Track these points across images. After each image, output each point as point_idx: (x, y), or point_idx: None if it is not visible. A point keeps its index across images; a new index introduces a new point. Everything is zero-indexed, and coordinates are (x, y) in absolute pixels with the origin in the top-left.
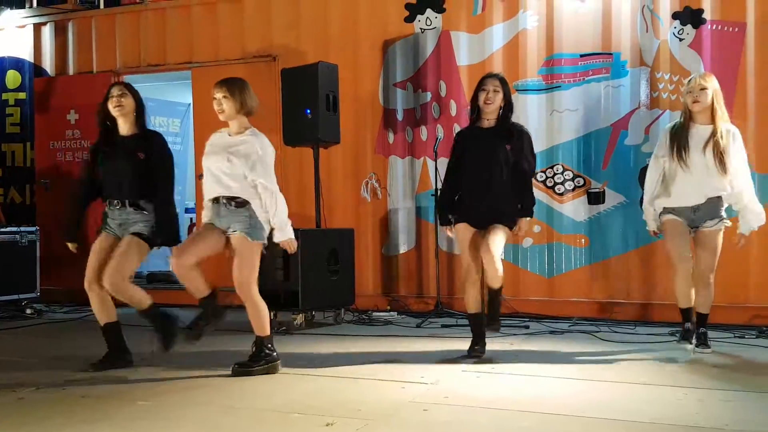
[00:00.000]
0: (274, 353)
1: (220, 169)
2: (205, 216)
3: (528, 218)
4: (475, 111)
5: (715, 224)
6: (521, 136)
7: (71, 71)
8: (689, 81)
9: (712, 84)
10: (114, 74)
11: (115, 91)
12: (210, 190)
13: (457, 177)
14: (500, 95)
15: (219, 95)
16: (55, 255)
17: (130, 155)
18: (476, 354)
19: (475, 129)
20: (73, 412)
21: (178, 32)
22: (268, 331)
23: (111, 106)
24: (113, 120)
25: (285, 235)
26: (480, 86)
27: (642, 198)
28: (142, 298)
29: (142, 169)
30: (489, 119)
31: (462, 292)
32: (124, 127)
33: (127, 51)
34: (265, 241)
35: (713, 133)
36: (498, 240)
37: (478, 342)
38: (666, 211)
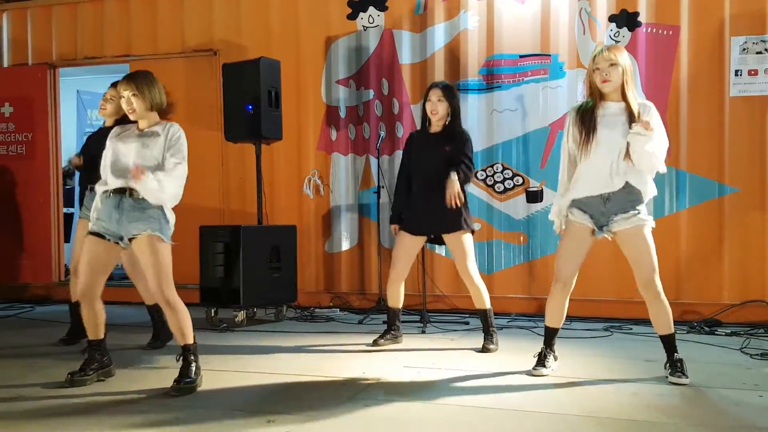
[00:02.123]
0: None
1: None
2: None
3: (456, 178)
4: (425, 119)
5: (632, 220)
6: (460, 138)
7: (5, 63)
8: (595, 56)
9: (623, 59)
10: (50, 66)
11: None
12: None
13: (408, 176)
14: (444, 104)
15: (127, 93)
16: None
17: None
18: (376, 342)
19: (425, 133)
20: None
21: (116, 25)
22: (193, 338)
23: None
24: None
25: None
26: (426, 97)
27: None
28: None
29: None
30: (437, 126)
31: (389, 289)
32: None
33: (64, 43)
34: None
35: (627, 110)
36: (468, 255)
37: (385, 333)
38: (573, 204)
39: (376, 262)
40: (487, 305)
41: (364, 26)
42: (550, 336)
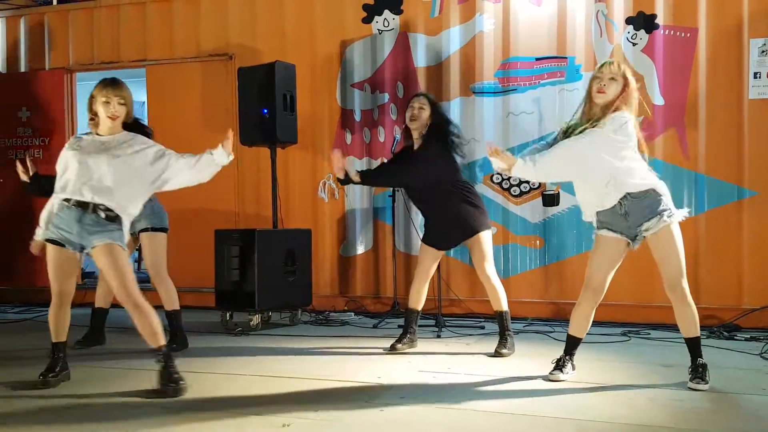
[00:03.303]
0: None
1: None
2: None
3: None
4: (408, 134)
5: (658, 222)
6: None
7: (23, 68)
8: (601, 65)
9: (628, 76)
10: (66, 71)
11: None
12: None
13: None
14: (426, 112)
15: (115, 100)
16: (7, 254)
17: None
18: (393, 347)
19: (412, 149)
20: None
21: (132, 30)
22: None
23: None
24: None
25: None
26: (408, 105)
27: None
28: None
29: None
30: (417, 138)
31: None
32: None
33: (81, 48)
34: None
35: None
36: (487, 256)
37: (402, 336)
38: (601, 225)
39: (391, 265)
40: (504, 307)
41: (379, 30)
42: (572, 345)
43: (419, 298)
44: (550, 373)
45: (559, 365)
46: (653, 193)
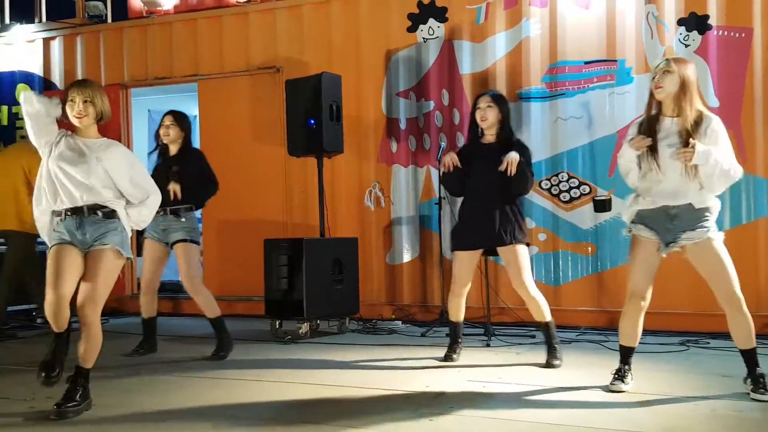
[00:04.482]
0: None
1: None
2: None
3: (516, 156)
4: (475, 129)
5: (701, 236)
6: (518, 147)
7: None
8: (656, 65)
9: (683, 68)
10: (122, 87)
11: (165, 121)
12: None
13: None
14: (494, 110)
15: (79, 99)
16: None
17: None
18: (449, 358)
19: (477, 145)
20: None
21: (184, 45)
22: (92, 365)
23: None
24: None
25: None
26: (474, 105)
27: None
28: (215, 304)
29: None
30: (489, 135)
31: (450, 302)
32: (171, 149)
33: (135, 64)
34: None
35: (680, 127)
36: (523, 269)
37: (455, 345)
38: (639, 220)
39: (438, 273)
40: (548, 317)
41: (424, 38)
42: (626, 355)
43: (460, 310)
44: (611, 384)
45: (621, 375)
46: (709, 211)
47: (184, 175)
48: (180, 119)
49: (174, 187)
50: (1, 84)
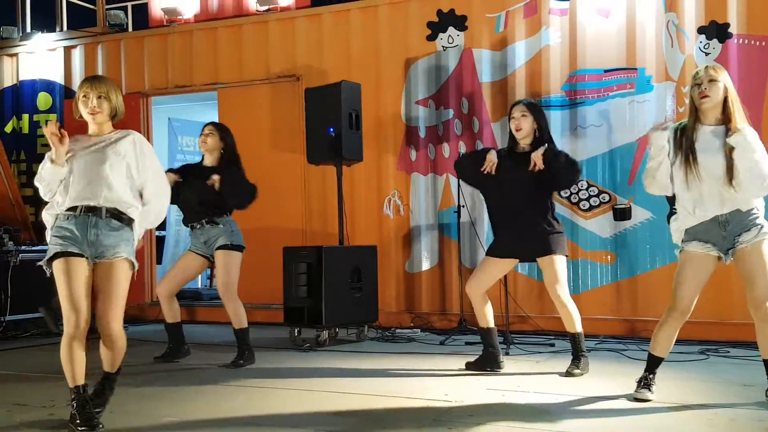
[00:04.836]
0: None
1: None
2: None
3: (539, 151)
4: (511, 139)
5: (755, 236)
6: (554, 152)
7: None
8: (696, 73)
9: (724, 77)
10: (142, 95)
11: (204, 130)
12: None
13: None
14: (529, 119)
15: (93, 95)
16: None
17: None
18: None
19: (512, 153)
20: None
21: (204, 54)
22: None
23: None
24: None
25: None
26: (509, 115)
27: (669, 214)
28: (243, 315)
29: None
30: (524, 144)
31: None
32: (208, 159)
33: (155, 73)
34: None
35: (726, 135)
36: (560, 280)
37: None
38: (689, 237)
39: (457, 281)
40: (578, 328)
41: (443, 46)
42: (654, 364)
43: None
44: (636, 391)
45: (647, 383)
46: (756, 209)
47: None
48: (220, 129)
49: (214, 178)
50: (22, 92)
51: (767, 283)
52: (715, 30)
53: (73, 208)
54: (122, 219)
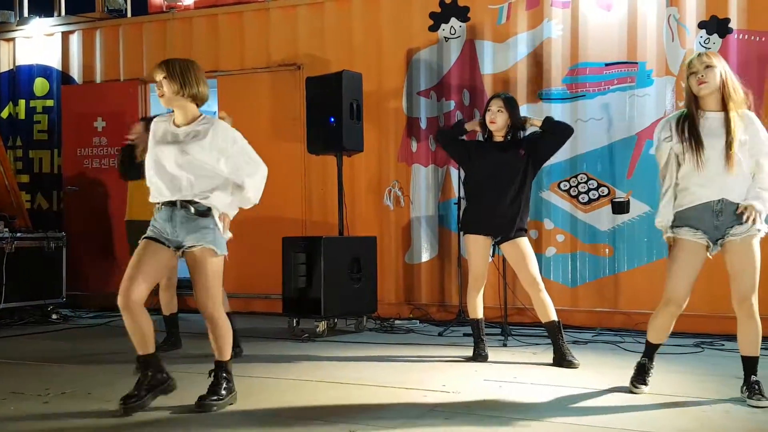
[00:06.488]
0: None
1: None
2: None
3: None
4: (486, 130)
5: (747, 230)
6: (533, 135)
7: (98, 79)
8: (690, 62)
9: (720, 63)
10: (141, 82)
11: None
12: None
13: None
14: (504, 115)
15: (159, 77)
16: (82, 261)
17: None
18: (478, 357)
19: (487, 142)
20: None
21: (204, 41)
22: (229, 355)
23: None
24: None
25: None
26: (486, 107)
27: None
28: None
29: None
30: (497, 137)
31: (469, 299)
32: None
33: (154, 59)
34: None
35: (726, 122)
36: (534, 264)
37: (479, 345)
38: (681, 222)
39: (457, 273)
40: (555, 317)
41: (445, 37)
42: (652, 350)
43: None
44: (633, 385)
45: (644, 372)
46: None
47: None
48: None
49: None
50: (19, 77)
51: (754, 278)
52: (715, 25)
53: (159, 204)
54: (198, 209)
